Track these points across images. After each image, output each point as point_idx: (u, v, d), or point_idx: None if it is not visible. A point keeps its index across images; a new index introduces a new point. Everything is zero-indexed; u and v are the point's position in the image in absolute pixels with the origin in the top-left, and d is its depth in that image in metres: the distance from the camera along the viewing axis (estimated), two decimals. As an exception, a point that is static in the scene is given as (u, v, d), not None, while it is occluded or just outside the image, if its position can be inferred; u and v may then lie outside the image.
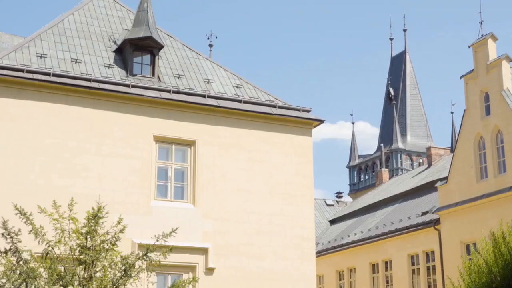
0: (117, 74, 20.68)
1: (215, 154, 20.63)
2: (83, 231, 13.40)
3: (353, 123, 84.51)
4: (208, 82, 22.03)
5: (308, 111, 22.31)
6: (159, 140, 20.12)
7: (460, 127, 32.10)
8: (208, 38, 30.51)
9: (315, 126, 22.54)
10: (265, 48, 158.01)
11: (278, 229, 20.86)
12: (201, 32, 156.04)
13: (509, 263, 11.94)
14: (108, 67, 20.77)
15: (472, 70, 31.16)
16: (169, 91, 20.55)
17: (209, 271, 19.55)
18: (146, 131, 19.89)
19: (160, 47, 21.59)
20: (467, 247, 29.17)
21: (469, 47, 31.45)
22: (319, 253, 37.84)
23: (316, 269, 21.96)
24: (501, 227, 12.77)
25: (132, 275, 13.40)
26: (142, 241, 17.14)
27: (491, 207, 28.59)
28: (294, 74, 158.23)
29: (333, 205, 51.39)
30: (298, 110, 22.19)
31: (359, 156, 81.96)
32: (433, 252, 32.64)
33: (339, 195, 59.67)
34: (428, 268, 33.17)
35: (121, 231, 13.64)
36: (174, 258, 15.85)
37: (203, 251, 19.65)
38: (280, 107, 21.97)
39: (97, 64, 20.72)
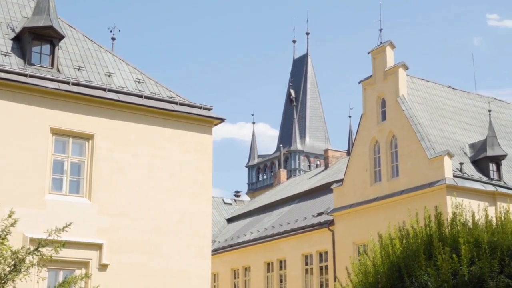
0: (14, 63, 20.05)
1: (114, 149, 20.34)
2: (-28, 224, 12.97)
3: (253, 123, 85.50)
4: (109, 76, 21.71)
5: (209, 109, 22.34)
6: (56, 132, 19.65)
7: (357, 131, 32.94)
8: (111, 31, 29.96)
9: (215, 125, 22.60)
10: (168, 45, 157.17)
11: (174, 226, 20.79)
12: (104, 24, 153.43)
13: (394, 264, 12.33)
14: (5, 55, 20.11)
15: (371, 76, 32.03)
16: (68, 83, 20.10)
17: (103, 267, 19.26)
18: (43, 123, 19.39)
19: (61, 37, 21.09)
20: (359, 248, 29.97)
21: (368, 53, 32.31)
22: (215, 251, 37.98)
23: (212, 267, 22.02)
24: (388, 229, 13.19)
25: (22, 270, 13.06)
26: (34, 236, 16.71)
27: (383, 210, 29.49)
28: (196, 72, 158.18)
29: (231, 204, 51.66)
30: (200, 108, 22.18)
31: (259, 156, 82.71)
32: (326, 252, 33.36)
33: (237, 194, 60.00)
34: (321, 268, 33.88)
35: (12, 224, 13.28)
36: (67, 254, 15.57)
37: (97, 246, 19.32)
38: (181, 104, 21.90)
39: (-7, 52, 20.04)
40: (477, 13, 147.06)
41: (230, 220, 48.00)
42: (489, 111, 32.13)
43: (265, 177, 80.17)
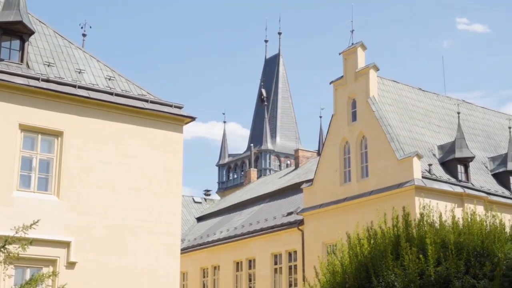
0: (-17, 58, 19.84)
1: (83, 146, 20.21)
2: None
3: (224, 122, 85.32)
4: (79, 72, 21.55)
5: (180, 108, 22.29)
6: (24, 128, 19.46)
7: (327, 131, 33.08)
8: (82, 28, 29.59)
9: (186, 123, 22.56)
10: (140, 42, 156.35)
11: (144, 224, 20.71)
12: (75, 20, 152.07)
13: (362, 264, 12.42)
14: (-26, 50, 19.89)
15: (342, 76, 32.17)
16: (38, 79, 19.92)
17: (71, 265, 19.12)
18: (11, 119, 19.18)
19: (31, 33, 20.89)
20: (328, 248, 30.09)
21: (339, 54, 32.44)
22: (184, 250, 37.90)
23: (181, 266, 21.98)
24: (357, 230, 13.28)
25: (-12, 267, 12.92)
26: (1, 233, 16.51)
27: (353, 210, 29.63)
28: (168, 70, 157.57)
29: (200, 203, 51.58)
30: (170, 106, 22.12)
31: (229, 155, 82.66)
32: (295, 252, 33.46)
33: (207, 192, 59.87)
34: (290, 267, 33.98)
35: (-21, 221, 13.13)
36: (34, 251, 15.42)
37: (65, 244, 19.17)
38: (152, 102, 21.82)
39: (-39, 46, 19.79)
40: (446, 17, 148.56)
41: (199, 219, 47.93)
42: (458, 113, 32.47)
43: (235, 176, 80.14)
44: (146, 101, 21.72)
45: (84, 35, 30.27)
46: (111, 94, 21.16)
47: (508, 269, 11.19)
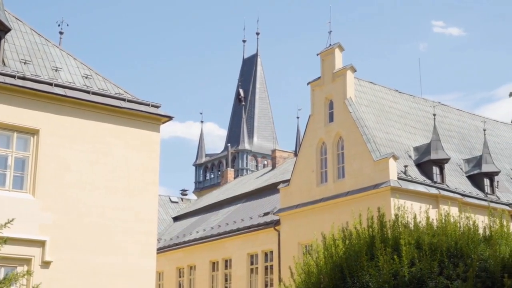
0: (-42, 54, 19.66)
1: (60, 145, 20.09)
2: None
3: (202, 121, 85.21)
4: (56, 70, 21.43)
5: (157, 107, 22.24)
6: (0, 126, 19.31)
7: (305, 132, 33.18)
8: (59, 25, 29.41)
9: (163, 123, 22.52)
10: (118, 41, 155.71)
11: (120, 223, 20.63)
12: (52, 18, 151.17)
13: (337, 265, 12.47)
14: (-51, 47, 19.70)
15: (319, 77, 32.30)
16: (14, 77, 19.77)
17: (46, 264, 19.01)
18: (-13, 117, 19.05)
19: (7, 30, 20.74)
20: (304, 248, 30.20)
21: (317, 55, 32.57)
22: (160, 250, 37.82)
23: (157, 266, 21.93)
24: (332, 230, 13.34)
25: (-38, 266, 12.82)
26: (-25, 231, 16.42)
27: (329, 210, 29.76)
28: (145, 70, 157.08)
29: (177, 202, 51.52)
30: (148, 105, 22.06)
31: (206, 155, 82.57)
32: (271, 252, 33.53)
33: (184, 192, 59.76)
34: (266, 268, 34.04)
35: (-47, 219, 13.01)
36: (8, 250, 15.28)
37: (40, 243, 19.05)
38: (129, 101, 21.74)
39: None
40: (422, 20, 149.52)
41: (176, 219, 47.85)
42: (434, 115, 32.73)
43: (212, 176, 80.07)
44: (123, 100, 21.65)
45: (61, 33, 30.06)
46: (88, 92, 21.06)
47: (481, 270, 11.29)
